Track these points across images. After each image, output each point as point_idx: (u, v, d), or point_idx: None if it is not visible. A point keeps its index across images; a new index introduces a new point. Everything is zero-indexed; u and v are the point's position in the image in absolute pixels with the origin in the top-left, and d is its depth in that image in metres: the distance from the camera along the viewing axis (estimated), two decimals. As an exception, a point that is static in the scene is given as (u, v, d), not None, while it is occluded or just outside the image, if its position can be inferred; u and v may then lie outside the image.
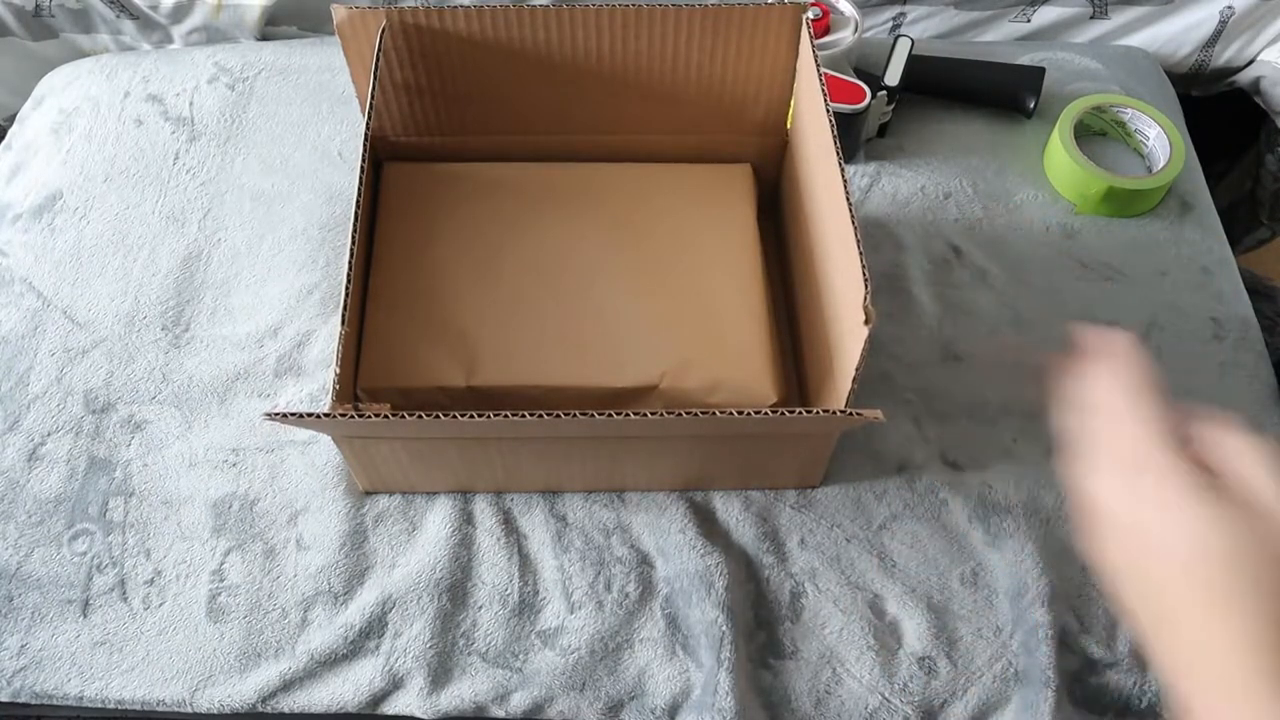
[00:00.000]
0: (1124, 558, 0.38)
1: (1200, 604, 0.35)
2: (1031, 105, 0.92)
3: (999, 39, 1.03)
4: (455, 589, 0.69)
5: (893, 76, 0.88)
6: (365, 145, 0.65)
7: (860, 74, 0.88)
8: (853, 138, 0.88)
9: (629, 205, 0.78)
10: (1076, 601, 0.70)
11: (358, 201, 0.64)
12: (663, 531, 0.71)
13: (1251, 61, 1.02)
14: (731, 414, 0.56)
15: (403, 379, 0.69)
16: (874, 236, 0.86)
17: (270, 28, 1.03)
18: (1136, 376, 0.40)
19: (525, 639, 0.68)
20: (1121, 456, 0.39)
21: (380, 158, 0.81)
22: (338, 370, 0.59)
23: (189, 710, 0.67)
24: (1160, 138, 0.88)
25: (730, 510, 0.72)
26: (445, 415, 0.55)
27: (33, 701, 0.68)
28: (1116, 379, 0.40)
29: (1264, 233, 1.15)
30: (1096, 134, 0.92)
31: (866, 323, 0.55)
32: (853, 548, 0.71)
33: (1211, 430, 0.38)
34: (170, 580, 0.70)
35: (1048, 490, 0.74)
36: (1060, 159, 0.88)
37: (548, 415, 0.55)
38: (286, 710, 0.67)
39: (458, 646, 0.68)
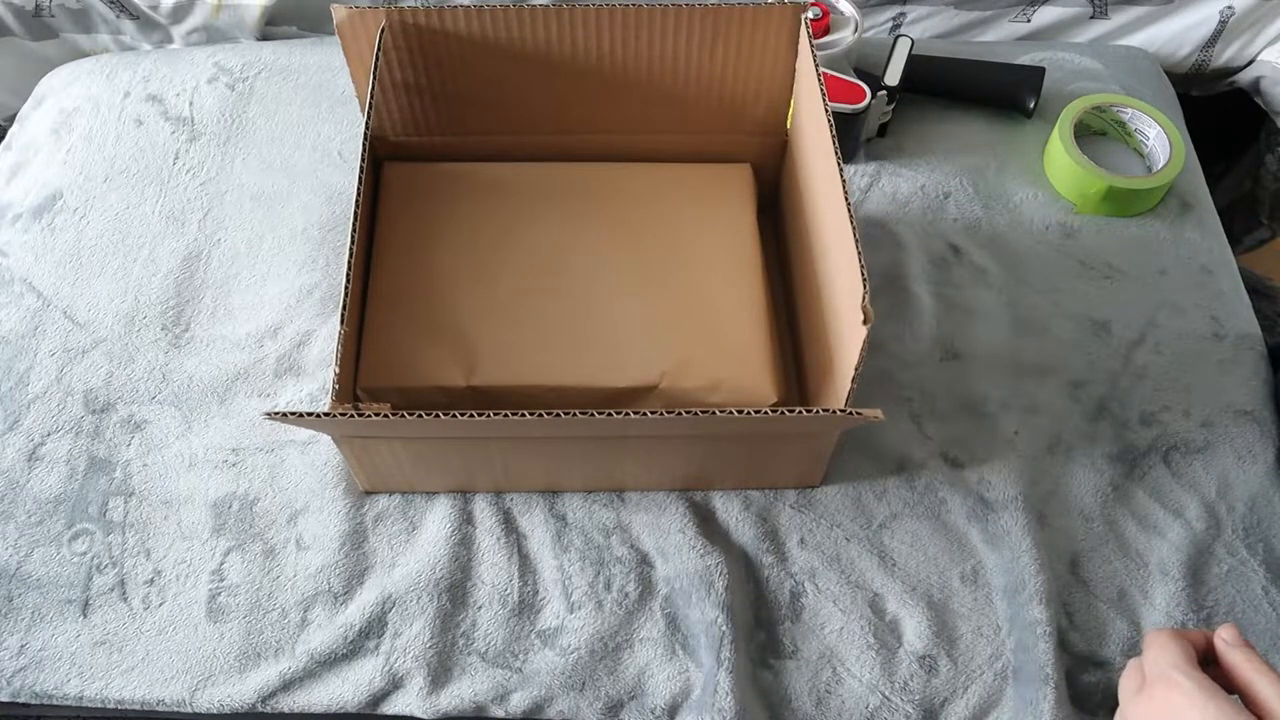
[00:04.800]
0: None
1: None
2: (1031, 105, 0.92)
3: (999, 39, 1.03)
4: (455, 589, 0.69)
5: (893, 76, 0.88)
6: (365, 145, 0.65)
7: (860, 74, 0.88)
8: (853, 138, 0.88)
9: (629, 205, 0.78)
10: (1067, 600, 0.70)
11: (357, 201, 0.64)
12: (663, 531, 0.71)
13: (1251, 61, 1.02)
14: (731, 414, 0.56)
15: (403, 379, 0.69)
16: (874, 236, 0.86)
17: (270, 28, 1.03)
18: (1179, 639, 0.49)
19: (525, 639, 0.68)
20: (1148, 670, 0.48)
21: (380, 157, 0.81)
22: (338, 370, 0.59)
23: (189, 710, 0.67)
24: (1160, 137, 0.88)
25: (730, 510, 0.72)
26: (445, 415, 0.55)
27: (33, 701, 0.68)
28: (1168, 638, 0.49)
29: (1264, 233, 1.15)
30: (1096, 134, 0.92)
31: (865, 322, 0.55)
32: (852, 547, 0.71)
33: (1226, 652, 0.47)
34: (170, 580, 0.70)
35: (1044, 486, 0.74)
36: (1060, 159, 0.88)
37: (548, 415, 0.55)
38: (286, 710, 0.67)
39: (457, 646, 0.68)
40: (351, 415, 0.56)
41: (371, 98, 0.68)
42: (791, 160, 0.78)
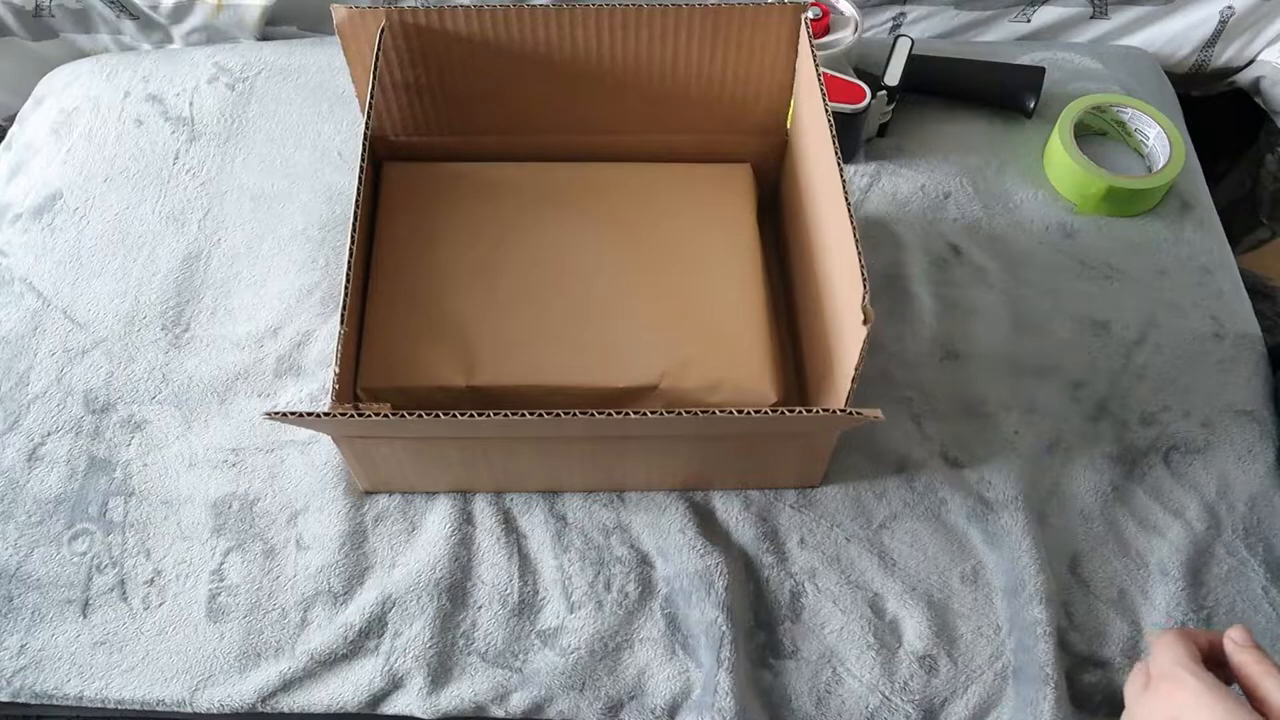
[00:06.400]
0: None
1: None
2: (1031, 105, 0.92)
3: (999, 39, 1.03)
4: (455, 589, 0.69)
5: (893, 76, 0.88)
6: (365, 145, 0.65)
7: (860, 74, 0.88)
8: (853, 138, 0.88)
9: (629, 205, 0.78)
10: (1067, 600, 0.70)
11: (357, 201, 0.64)
12: (663, 531, 0.71)
13: (1251, 61, 1.02)
14: (731, 414, 0.56)
15: (403, 379, 0.69)
16: (874, 236, 0.86)
17: (270, 28, 1.03)
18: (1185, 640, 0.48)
19: (525, 639, 0.68)
20: (1153, 669, 0.48)
21: (380, 158, 0.81)
22: (337, 370, 0.59)
23: (189, 710, 0.67)
24: (1160, 138, 0.88)
25: (730, 510, 0.72)
26: (445, 415, 0.55)
27: (33, 701, 0.68)
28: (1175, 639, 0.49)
29: (1264, 233, 1.15)
30: (1096, 134, 0.92)
31: (865, 322, 0.55)
32: (852, 547, 0.71)
33: (1235, 653, 0.47)
34: (170, 580, 0.70)
35: (1044, 486, 0.74)
36: (1060, 159, 0.88)
37: (548, 415, 0.55)
38: (286, 710, 0.67)
39: (457, 646, 0.68)
40: (351, 415, 0.56)
41: (371, 98, 0.68)
42: (791, 160, 0.78)
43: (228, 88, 0.95)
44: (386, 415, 0.56)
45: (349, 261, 0.60)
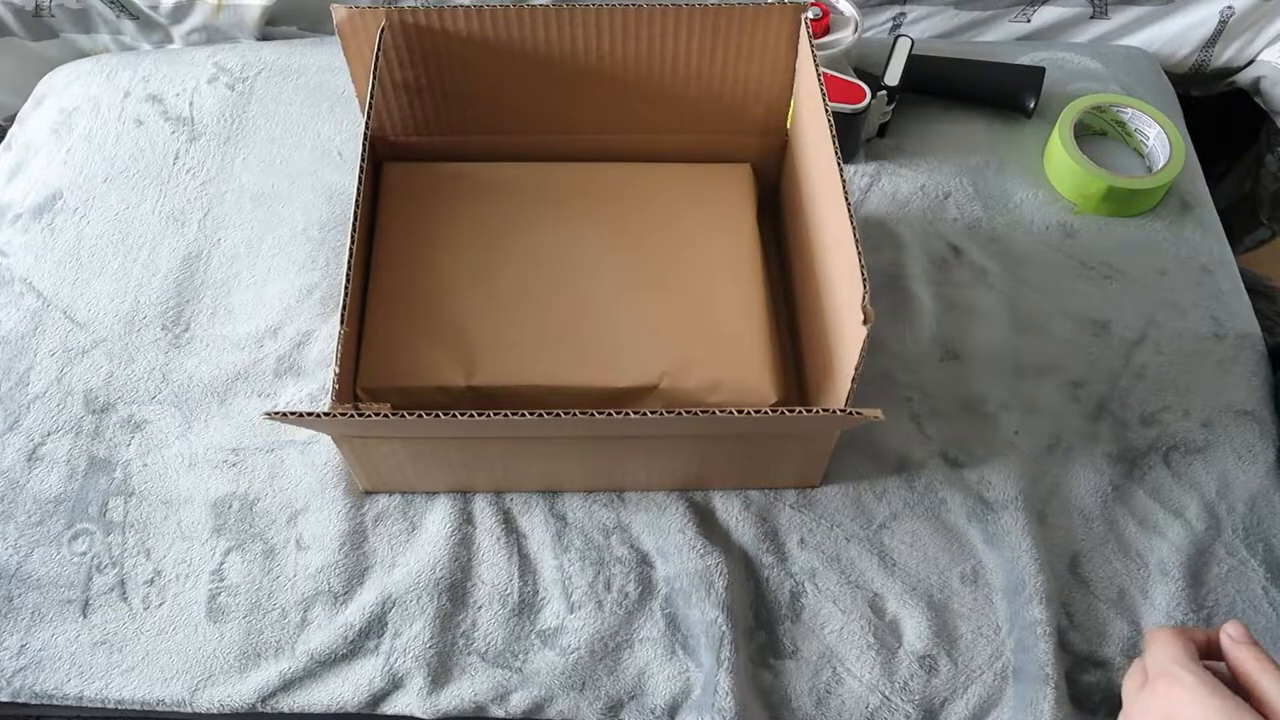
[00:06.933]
0: None
1: None
2: (1031, 105, 0.92)
3: (999, 39, 1.03)
4: (455, 589, 0.69)
5: (893, 76, 0.88)
6: (365, 145, 0.65)
7: (860, 74, 0.88)
8: (853, 138, 0.88)
9: (629, 205, 0.78)
10: (1067, 600, 0.70)
11: (357, 201, 0.64)
12: (662, 531, 0.71)
13: (1251, 61, 1.02)
14: (731, 413, 0.56)
15: (403, 379, 0.69)
16: (874, 236, 0.86)
17: (270, 27, 1.03)
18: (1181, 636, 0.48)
19: (525, 639, 0.68)
20: (1149, 667, 0.48)
21: (380, 158, 0.81)
22: (337, 370, 0.59)
23: (189, 710, 0.67)
24: (1160, 137, 0.88)
25: (730, 510, 0.72)
26: (445, 415, 0.55)
27: (33, 701, 0.68)
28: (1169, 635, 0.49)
29: (1264, 233, 1.15)
30: (1096, 134, 0.92)
31: (865, 322, 0.55)
32: (852, 547, 0.71)
33: (1232, 649, 0.47)
34: (170, 580, 0.70)
35: (1044, 486, 0.74)
36: (1060, 159, 0.88)
37: (548, 415, 0.55)
38: (286, 710, 0.67)
39: (457, 646, 0.68)
40: (351, 415, 0.56)
41: (371, 98, 0.68)
42: (791, 160, 0.78)
43: (228, 88, 0.95)
44: (386, 415, 0.56)
45: (349, 261, 0.60)
